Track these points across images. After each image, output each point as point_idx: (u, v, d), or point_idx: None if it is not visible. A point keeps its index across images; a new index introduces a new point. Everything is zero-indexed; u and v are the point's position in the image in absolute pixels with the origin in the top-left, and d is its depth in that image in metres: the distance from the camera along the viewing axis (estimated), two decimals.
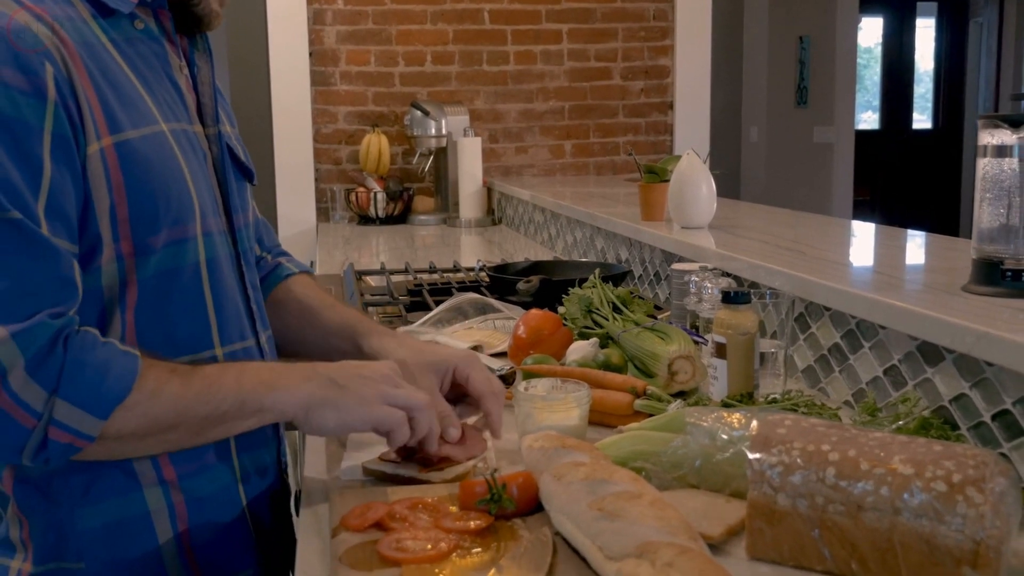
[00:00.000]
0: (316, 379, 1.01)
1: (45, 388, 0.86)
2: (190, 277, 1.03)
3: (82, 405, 0.88)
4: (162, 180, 0.99)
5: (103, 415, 0.89)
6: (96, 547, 0.98)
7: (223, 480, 1.06)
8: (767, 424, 0.91)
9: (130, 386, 0.90)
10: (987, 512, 0.79)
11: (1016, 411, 1.04)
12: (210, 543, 1.04)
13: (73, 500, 0.97)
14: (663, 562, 0.72)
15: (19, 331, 0.85)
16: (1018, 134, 1.20)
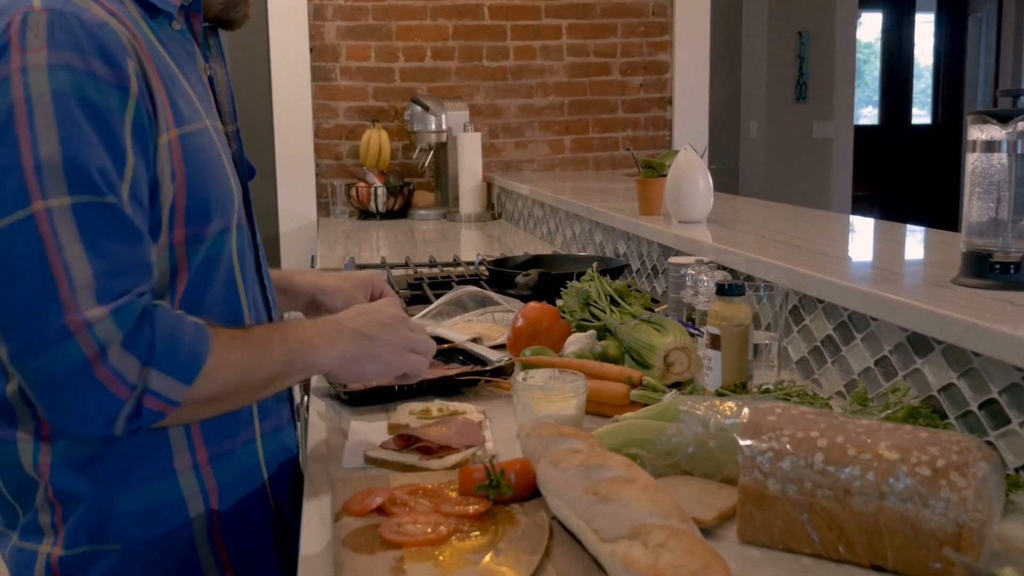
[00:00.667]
0: (347, 335, 1.09)
1: (140, 360, 0.91)
2: (227, 266, 1.09)
3: (171, 373, 0.93)
4: (213, 172, 1.04)
5: (189, 381, 0.94)
6: (133, 529, 1.02)
7: (249, 462, 1.12)
8: (758, 412, 0.94)
9: (207, 353, 0.96)
10: (970, 496, 0.81)
11: (1002, 400, 1.07)
12: (236, 524, 1.09)
13: (112, 485, 1.02)
14: (655, 543, 0.75)
15: (116, 308, 0.90)
16: (1007, 129, 1.22)
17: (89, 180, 0.91)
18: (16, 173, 0.89)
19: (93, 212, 0.91)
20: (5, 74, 0.90)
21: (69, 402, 0.90)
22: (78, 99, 0.91)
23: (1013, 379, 1.05)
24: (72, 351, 0.88)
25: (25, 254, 0.89)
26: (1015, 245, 1.25)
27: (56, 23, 0.92)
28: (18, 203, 0.89)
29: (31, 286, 0.88)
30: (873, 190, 9.01)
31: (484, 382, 1.43)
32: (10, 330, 0.90)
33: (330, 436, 1.26)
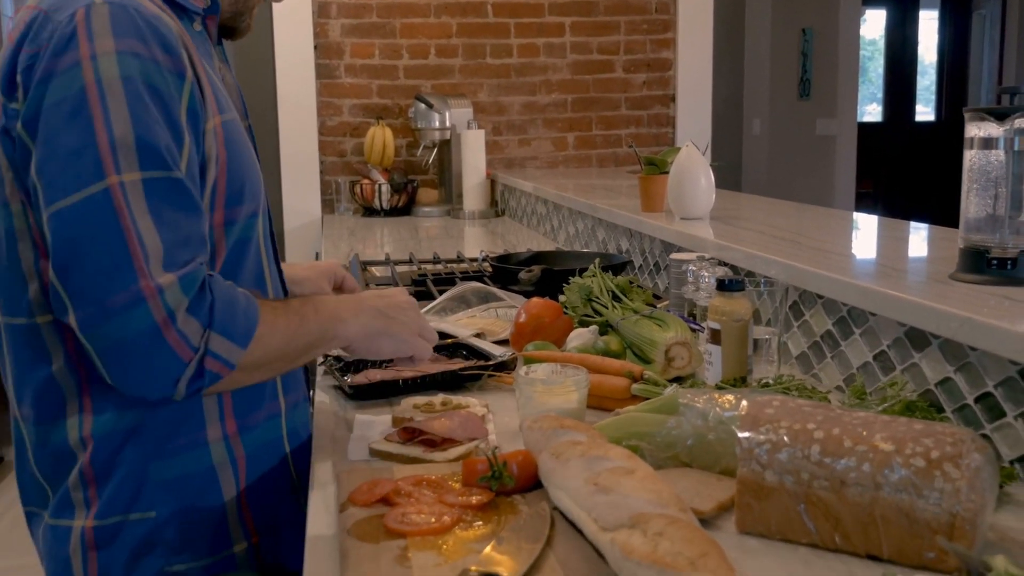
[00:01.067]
0: (368, 311, 1.18)
1: (203, 324, 0.98)
2: (255, 249, 1.15)
3: (230, 337, 1.00)
4: (246, 159, 1.11)
5: (245, 344, 1.01)
6: (167, 498, 1.08)
7: (273, 435, 1.18)
8: (756, 404, 0.95)
9: (258, 320, 1.03)
10: (963, 487, 0.83)
11: (998, 394, 1.08)
12: (261, 492, 1.15)
13: (150, 455, 1.07)
14: (654, 531, 0.76)
15: (182, 276, 0.97)
16: (1004, 127, 1.24)
17: (159, 156, 0.97)
18: (92, 150, 0.95)
19: (162, 186, 0.97)
20: (75, 60, 0.96)
21: (137, 364, 0.96)
22: (144, 83, 0.97)
23: (1008, 373, 1.06)
24: (144, 315, 0.94)
25: (102, 224, 0.94)
26: (1012, 241, 1.26)
27: (118, 14, 0.98)
28: (95, 177, 0.95)
29: (107, 254, 0.94)
30: (877, 187, 9.02)
31: (487, 376, 1.45)
32: (83, 296, 0.95)
33: (335, 429, 1.28)
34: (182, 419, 1.09)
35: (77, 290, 0.95)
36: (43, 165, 0.97)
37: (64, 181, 0.95)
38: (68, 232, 0.95)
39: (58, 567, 1.10)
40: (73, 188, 0.95)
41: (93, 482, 1.07)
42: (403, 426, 1.18)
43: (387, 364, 1.48)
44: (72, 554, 1.08)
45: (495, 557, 0.82)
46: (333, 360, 1.50)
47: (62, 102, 0.96)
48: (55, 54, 0.97)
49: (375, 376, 1.42)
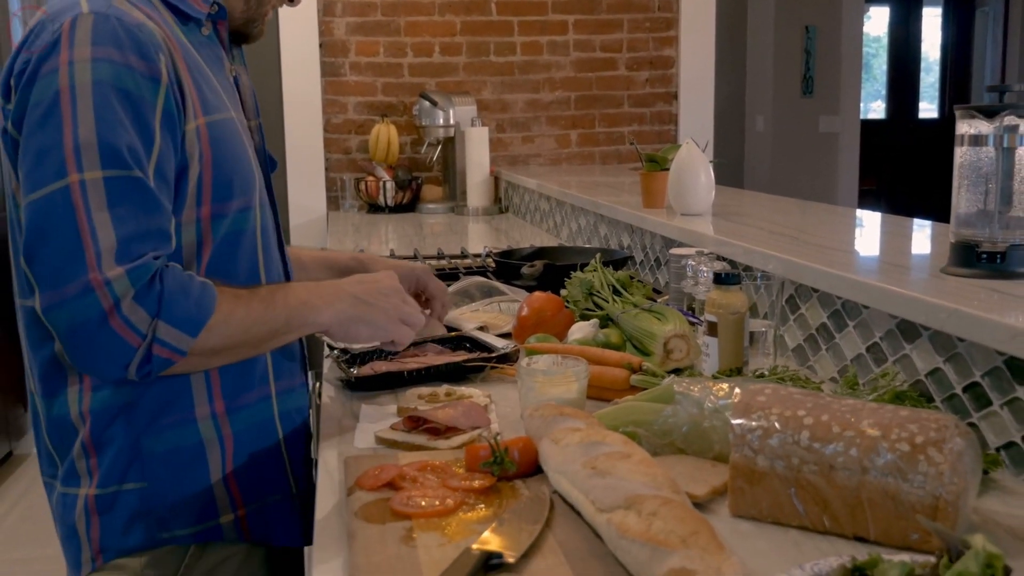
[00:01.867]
0: (346, 298, 1.20)
1: (149, 313, 1.03)
2: (249, 240, 1.20)
3: (178, 326, 1.04)
4: (236, 157, 1.16)
5: (194, 333, 1.05)
6: (159, 470, 1.15)
7: (264, 416, 1.23)
8: (749, 392, 0.99)
9: (212, 310, 1.07)
10: (946, 470, 0.86)
11: (984, 383, 1.11)
12: (249, 470, 1.21)
13: (141, 428, 1.14)
14: (648, 512, 0.80)
15: (131, 268, 1.02)
16: (993, 124, 1.27)
17: (119, 157, 1.03)
18: (58, 151, 1.02)
19: (122, 185, 1.03)
20: (54, 66, 1.03)
21: (88, 348, 1.02)
22: (115, 87, 1.03)
23: (995, 363, 1.09)
24: (92, 303, 1.00)
25: (58, 219, 1.01)
26: (1001, 236, 1.29)
27: (99, 23, 1.05)
28: (57, 175, 1.01)
29: (62, 247, 1.01)
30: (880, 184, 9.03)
31: (490, 368, 1.49)
32: (43, 283, 1.02)
33: (342, 419, 1.32)
34: (172, 398, 1.15)
35: (38, 277, 1.03)
36: (22, 162, 1.05)
37: (35, 177, 1.03)
38: (33, 223, 1.03)
39: (67, 531, 1.18)
40: (40, 184, 1.03)
41: (93, 453, 1.14)
42: (408, 415, 1.21)
43: (392, 356, 1.52)
44: (78, 519, 1.16)
45: (496, 537, 0.85)
46: (339, 352, 1.53)
47: (38, 104, 1.04)
48: (40, 60, 1.05)
49: (380, 368, 1.46)
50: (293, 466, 1.28)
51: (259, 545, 1.24)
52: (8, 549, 3.28)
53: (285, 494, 1.26)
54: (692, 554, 0.73)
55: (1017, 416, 1.07)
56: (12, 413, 4.05)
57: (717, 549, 0.74)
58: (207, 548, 1.19)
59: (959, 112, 1.31)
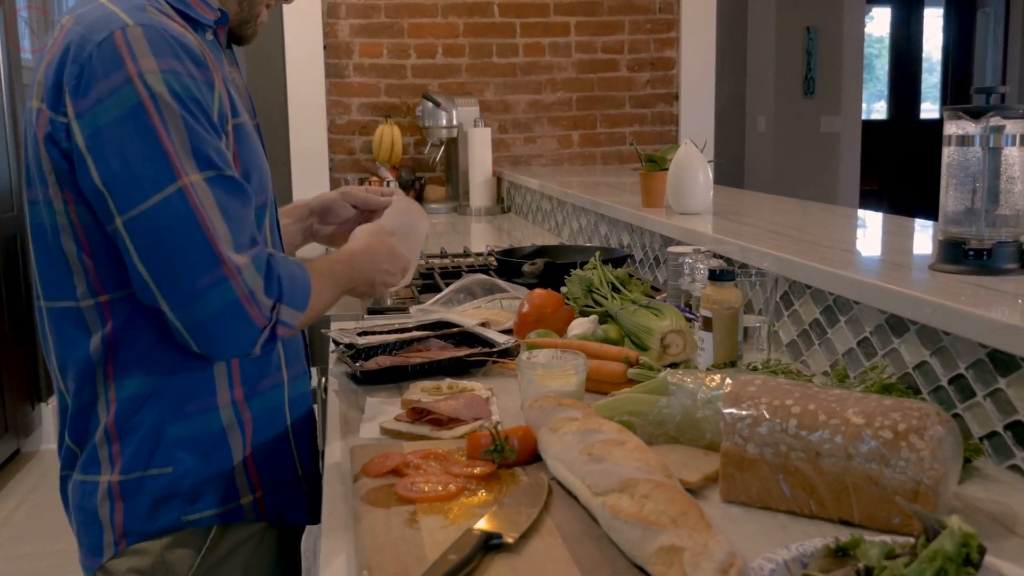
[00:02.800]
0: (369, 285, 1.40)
1: (273, 297, 1.14)
2: (263, 237, 1.25)
3: (294, 305, 1.17)
4: (255, 157, 1.23)
5: (303, 309, 1.19)
6: (183, 455, 1.20)
7: (276, 402, 1.29)
8: (739, 383, 1.03)
9: (311, 288, 1.21)
10: (926, 456, 0.90)
11: (968, 375, 1.15)
12: (265, 453, 1.27)
13: (167, 417, 1.19)
14: (641, 494, 0.84)
15: (253, 256, 1.12)
16: (980, 125, 1.31)
17: (211, 159, 1.10)
18: (160, 158, 1.07)
19: (220, 183, 1.11)
20: (126, 78, 1.07)
21: (224, 335, 1.11)
22: (187, 96, 1.10)
23: (978, 355, 1.13)
24: (227, 292, 1.09)
25: (181, 220, 1.08)
26: (988, 233, 1.33)
27: (152, 36, 1.09)
28: (168, 180, 1.07)
29: (190, 245, 1.08)
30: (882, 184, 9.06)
31: (491, 363, 1.53)
32: (173, 283, 1.09)
33: (347, 411, 1.36)
34: (195, 386, 1.20)
35: (167, 279, 1.09)
36: (111, 176, 1.08)
37: (138, 188, 1.07)
38: (151, 230, 1.08)
39: (87, 518, 1.21)
40: (149, 191, 1.07)
41: (117, 440, 1.19)
42: (412, 407, 1.26)
43: (396, 351, 1.56)
44: (99, 505, 1.20)
45: (496, 520, 0.89)
46: (345, 347, 1.57)
47: (123, 118, 1.07)
48: (104, 75, 1.07)
49: (385, 362, 1.50)
50: (299, 449, 1.34)
51: (272, 525, 1.29)
52: (17, 544, 3.33)
53: (294, 476, 1.32)
54: (681, 532, 0.77)
55: (999, 407, 1.11)
56: (20, 412, 4.10)
57: (705, 528, 0.78)
58: (228, 529, 1.24)
59: (946, 113, 1.34)
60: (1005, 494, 1.02)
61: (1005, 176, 1.32)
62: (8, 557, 3.25)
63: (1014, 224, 1.33)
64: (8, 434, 3.94)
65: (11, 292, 4.05)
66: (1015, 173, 1.32)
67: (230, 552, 1.24)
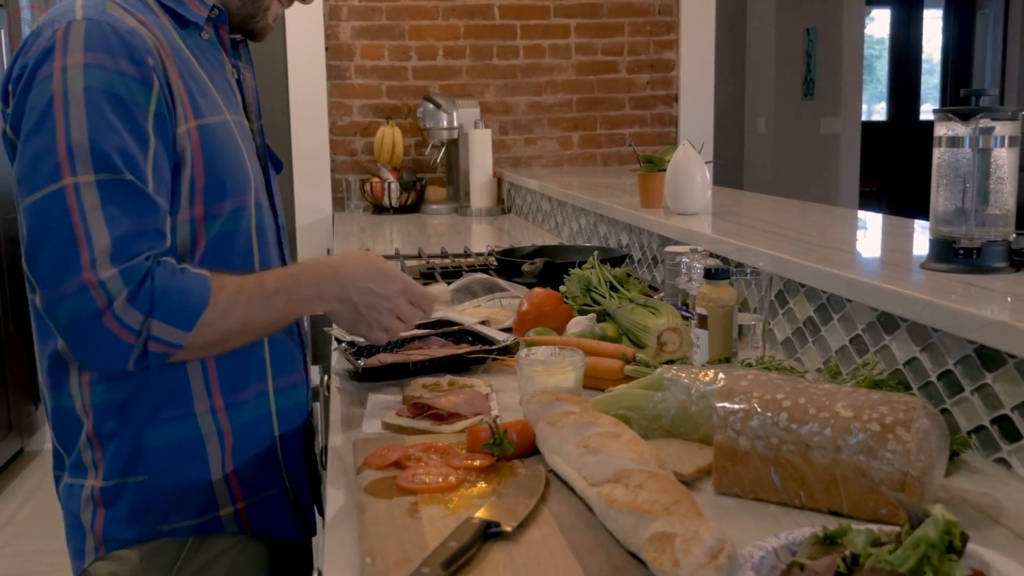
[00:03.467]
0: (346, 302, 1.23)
1: (142, 311, 1.07)
2: (243, 240, 1.24)
3: (171, 322, 1.08)
4: (229, 159, 1.20)
5: (188, 328, 1.09)
6: (159, 463, 1.19)
7: (261, 412, 1.27)
8: (732, 378, 1.05)
9: (205, 304, 1.11)
10: (913, 448, 0.93)
11: (957, 371, 1.18)
12: (248, 464, 1.26)
13: (142, 423, 1.18)
14: (634, 484, 0.87)
15: (124, 268, 1.06)
16: (969, 127, 1.34)
17: (109, 161, 1.07)
18: (52, 154, 1.06)
19: (114, 187, 1.07)
20: (48, 72, 1.08)
21: (86, 345, 1.08)
22: (106, 92, 1.08)
23: (966, 351, 1.16)
24: (87, 302, 1.05)
25: (54, 221, 1.05)
26: (978, 233, 1.36)
27: (92, 29, 1.09)
28: (52, 179, 1.06)
29: (58, 247, 1.05)
30: (882, 186, 9.09)
31: (491, 360, 1.55)
32: (41, 283, 1.07)
33: (350, 407, 1.38)
34: (171, 393, 1.19)
35: (37, 276, 1.08)
36: (17, 166, 1.10)
37: (31, 180, 1.07)
38: (31, 225, 1.07)
39: (73, 521, 1.22)
40: (36, 187, 1.06)
41: (98, 446, 1.19)
42: (413, 402, 1.28)
43: (398, 348, 1.59)
44: (83, 510, 1.20)
45: (495, 509, 0.92)
46: (347, 345, 1.60)
47: (33, 110, 1.08)
48: (36, 65, 1.09)
49: (387, 359, 1.53)
50: (288, 462, 1.32)
51: (258, 538, 1.28)
52: (21, 542, 3.35)
53: (280, 489, 1.31)
54: (673, 520, 0.79)
55: (986, 401, 1.13)
56: (23, 411, 4.13)
57: (696, 515, 0.81)
58: (206, 540, 1.22)
59: (937, 115, 1.37)
60: (991, 486, 1.05)
61: (994, 176, 1.35)
62: (12, 555, 3.27)
63: (1003, 224, 1.36)
64: (12, 433, 3.97)
65: (15, 293, 4.08)
66: (1004, 174, 1.35)
67: (208, 563, 1.23)
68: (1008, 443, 1.10)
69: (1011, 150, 1.34)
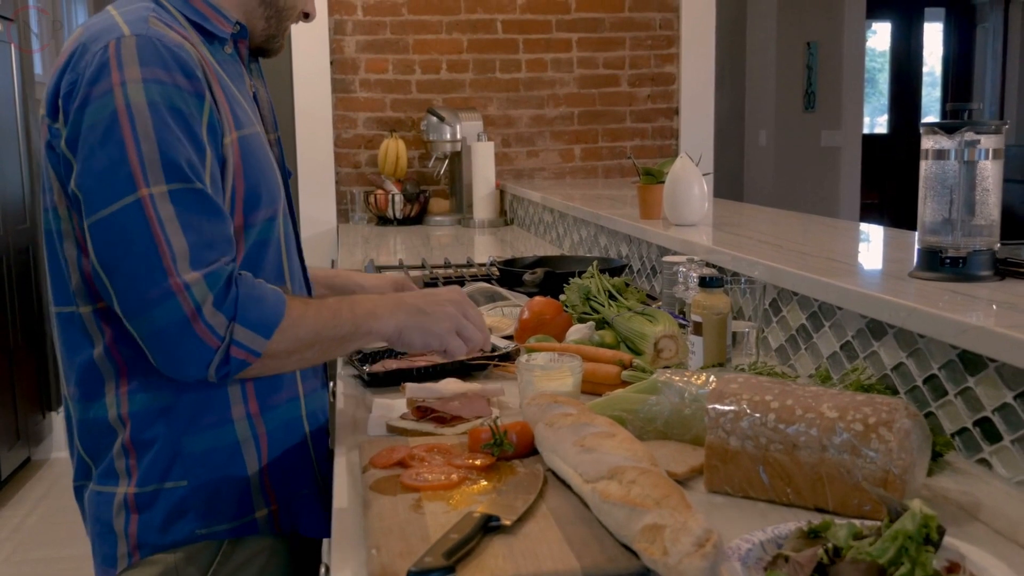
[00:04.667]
0: (405, 308, 1.26)
1: (227, 316, 1.11)
2: (274, 249, 1.28)
3: (253, 328, 1.13)
4: (262, 169, 1.25)
5: (268, 335, 1.14)
6: (198, 469, 1.22)
7: (293, 415, 1.31)
8: (723, 381, 1.10)
9: (283, 313, 1.16)
10: (895, 447, 0.97)
11: (941, 375, 1.22)
12: (281, 467, 1.29)
13: (181, 430, 1.21)
14: (628, 480, 0.91)
15: (207, 273, 1.10)
16: (954, 140, 1.38)
17: (181, 171, 1.11)
18: (123, 166, 1.09)
19: (186, 196, 1.11)
20: (107, 87, 1.11)
21: (172, 350, 1.10)
22: (167, 106, 1.12)
23: (949, 356, 1.20)
24: (174, 308, 1.09)
25: (135, 230, 1.09)
26: (964, 242, 1.40)
27: (143, 45, 1.13)
28: (127, 190, 1.09)
29: (141, 255, 1.09)
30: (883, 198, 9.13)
31: (493, 366, 1.60)
32: (124, 293, 1.10)
33: (356, 411, 1.43)
34: (209, 400, 1.22)
35: (118, 286, 1.11)
36: (82, 180, 1.12)
37: (101, 194, 1.10)
38: (107, 238, 1.10)
39: (102, 528, 1.24)
40: (110, 199, 1.09)
41: (133, 454, 1.21)
42: (416, 405, 1.33)
43: (401, 355, 1.63)
44: (115, 516, 1.22)
45: (495, 504, 0.96)
46: (353, 352, 1.65)
47: (96, 125, 1.10)
48: (91, 82, 1.11)
49: (391, 365, 1.57)
50: (319, 461, 1.36)
51: (284, 537, 1.31)
52: (29, 549, 3.40)
53: (311, 487, 1.34)
54: (663, 512, 0.84)
55: (968, 404, 1.17)
56: (31, 420, 4.17)
57: (685, 508, 0.85)
58: (240, 542, 1.25)
59: (923, 129, 1.42)
60: (972, 485, 1.09)
61: (980, 188, 1.39)
62: (20, 562, 3.32)
63: (988, 233, 1.40)
64: (20, 442, 4.02)
65: (23, 303, 4.14)
66: (989, 185, 1.39)
67: (241, 566, 1.26)
68: (989, 444, 1.14)
69: (995, 162, 1.38)
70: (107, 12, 1.20)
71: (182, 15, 1.25)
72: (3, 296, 3.93)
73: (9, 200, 4.04)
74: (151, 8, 1.20)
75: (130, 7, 1.20)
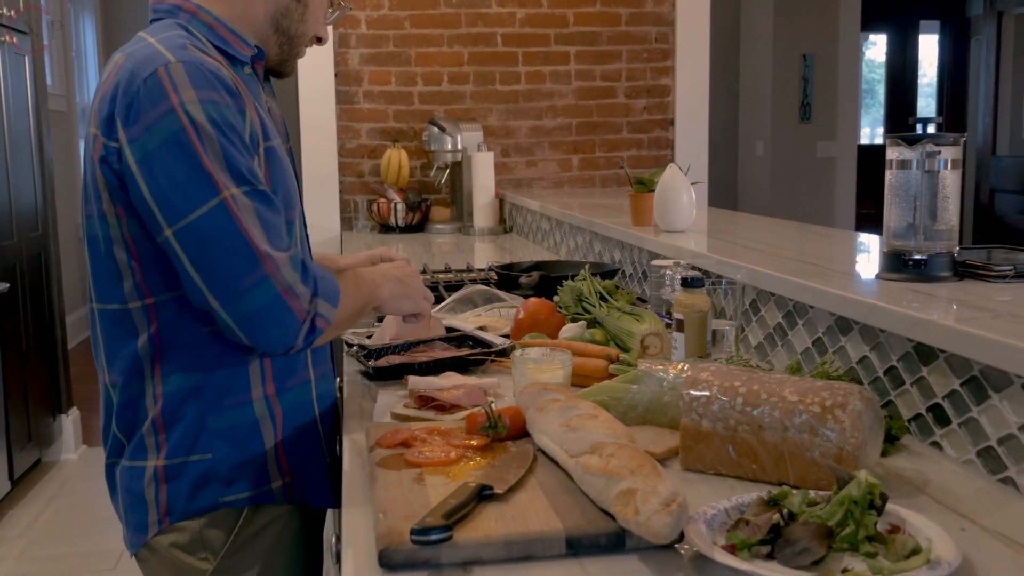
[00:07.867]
0: (391, 279, 1.49)
1: (311, 291, 1.27)
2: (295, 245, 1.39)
3: (328, 299, 1.30)
4: (284, 177, 1.38)
5: (336, 304, 1.31)
6: (221, 443, 1.35)
7: (304, 397, 1.44)
8: (696, 369, 1.21)
9: (339, 287, 1.34)
10: (848, 427, 1.08)
11: (899, 366, 1.33)
12: (294, 442, 1.41)
13: (207, 408, 1.34)
14: (607, 453, 1.02)
15: (290, 256, 1.26)
16: (915, 151, 1.49)
17: (246, 176, 1.25)
18: (201, 174, 1.22)
19: (256, 196, 1.26)
20: (166, 108, 1.23)
21: (269, 326, 1.25)
22: (223, 122, 1.25)
23: (906, 348, 1.31)
24: (269, 289, 1.23)
25: (225, 227, 1.22)
26: (926, 246, 1.51)
27: (191, 70, 1.26)
28: (211, 193, 1.22)
29: (233, 249, 1.22)
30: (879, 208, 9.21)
31: (490, 361, 1.71)
32: (220, 285, 1.23)
33: (362, 402, 1.54)
34: (232, 382, 1.35)
35: (215, 281, 1.23)
36: (160, 192, 1.23)
37: (184, 202, 1.22)
38: (198, 239, 1.22)
39: (134, 499, 1.36)
40: (193, 205, 1.22)
41: (163, 430, 1.34)
42: (418, 395, 1.44)
43: (404, 350, 1.74)
44: (146, 487, 1.35)
45: (489, 476, 1.07)
46: (358, 348, 1.76)
47: (166, 142, 1.22)
48: (151, 105, 1.23)
49: (394, 360, 1.68)
50: (326, 439, 1.49)
51: (297, 507, 1.43)
52: (41, 546, 3.50)
53: (320, 462, 1.47)
54: (636, 479, 0.95)
55: (922, 392, 1.29)
56: (42, 422, 4.28)
57: (656, 475, 0.96)
58: (259, 510, 1.38)
59: (888, 140, 1.53)
60: (924, 465, 1.20)
61: (940, 195, 1.51)
62: (32, 558, 3.42)
63: (948, 238, 1.51)
64: (31, 444, 4.12)
65: (35, 307, 4.25)
66: (949, 193, 1.51)
67: (260, 531, 1.38)
68: (940, 428, 1.25)
69: (954, 172, 1.50)
70: (143, 40, 1.31)
71: (208, 41, 1.36)
72: (16, 301, 4.04)
73: (23, 209, 4.16)
74: (185, 36, 1.32)
75: (165, 35, 1.31)
